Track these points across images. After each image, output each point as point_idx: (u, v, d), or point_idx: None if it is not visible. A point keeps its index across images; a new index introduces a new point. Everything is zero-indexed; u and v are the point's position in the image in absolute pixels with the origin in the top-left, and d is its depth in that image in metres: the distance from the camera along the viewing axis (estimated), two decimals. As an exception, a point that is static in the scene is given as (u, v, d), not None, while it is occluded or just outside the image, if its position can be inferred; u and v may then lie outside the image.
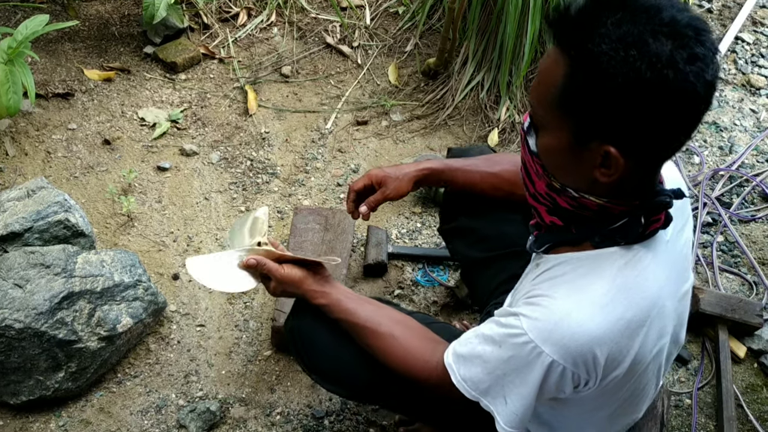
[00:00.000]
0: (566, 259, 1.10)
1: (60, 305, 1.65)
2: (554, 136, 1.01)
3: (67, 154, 2.30)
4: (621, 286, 1.05)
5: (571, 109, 0.97)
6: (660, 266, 1.09)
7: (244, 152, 2.37)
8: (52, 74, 2.52)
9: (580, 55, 0.93)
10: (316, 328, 1.41)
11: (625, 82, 0.91)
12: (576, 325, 1.03)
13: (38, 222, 1.81)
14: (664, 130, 0.95)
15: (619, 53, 0.90)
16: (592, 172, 1.00)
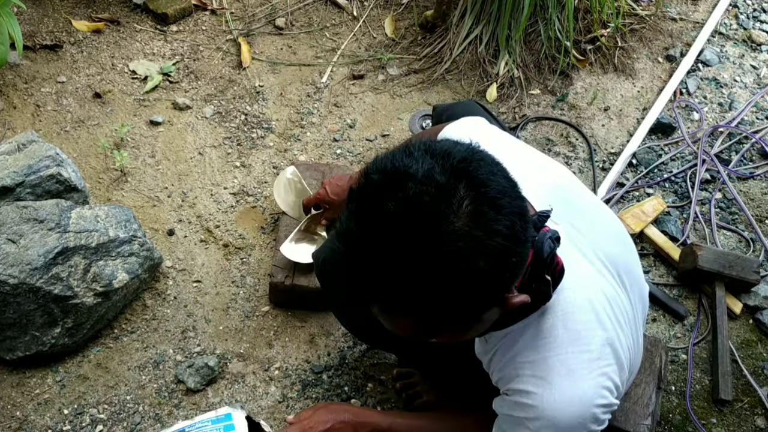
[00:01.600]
0: (510, 335, 1.12)
1: (55, 261, 1.63)
2: (452, 335, 1.01)
3: (57, 108, 2.25)
4: (573, 339, 1.07)
5: (448, 324, 0.96)
6: (576, 275, 1.10)
7: (238, 106, 2.33)
8: (39, 25, 2.44)
9: (414, 304, 0.91)
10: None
11: (463, 284, 0.88)
12: (581, 411, 1.06)
13: (30, 176, 1.77)
14: (514, 267, 0.93)
15: (439, 276, 0.87)
16: (497, 315, 1.00)
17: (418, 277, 0.86)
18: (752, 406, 1.82)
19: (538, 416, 1.07)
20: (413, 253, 0.85)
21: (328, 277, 1.47)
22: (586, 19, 2.60)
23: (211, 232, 2.01)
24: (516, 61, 2.48)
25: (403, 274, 0.86)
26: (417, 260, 0.85)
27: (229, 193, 2.10)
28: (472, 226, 0.85)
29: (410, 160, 0.88)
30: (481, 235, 0.85)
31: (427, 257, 0.85)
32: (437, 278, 0.86)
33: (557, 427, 1.06)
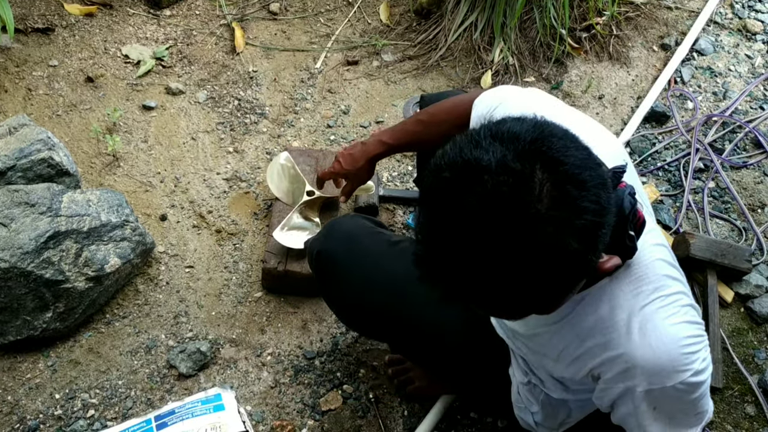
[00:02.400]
0: (589, 300, 1.08)
1: (46, 245, 1.62)
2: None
3: (49, 92, 2.23)
4: (655, 287, 1.04)
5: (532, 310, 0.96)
6: (653, 233, 1.09)
7: (232, 91, 2.31)
8: (31, 8, 2.42)
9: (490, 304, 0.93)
10: (345, 256, 1.42)
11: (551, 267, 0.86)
12: (672, 351, 1.02)
13: (21, 160, 1.76)
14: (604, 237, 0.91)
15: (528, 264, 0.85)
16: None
17: (512, 269, 0.84)
18: (742, 393, 1.83)
19: (631, 367, 1.03)
20: (503, 247, 0.83)
21: (324, 270, 1.46)
22: (582, 7, 2.59)
23: (204, 218, 2.01)
24: (511, 49, 2.47)
25: (496, 270, 0.85)
26: (508, 253, 0.83)
27: (222, 179, 2.09)
28: (558, 208, 0.83)
29: (479, 151, 0.85)
30: (568, 216, 0.83)
31: (518, 248, 0.83)
32: (531, 267, 0.84)
33: (649, 372, 1.02)
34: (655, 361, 1.02)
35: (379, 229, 1.50)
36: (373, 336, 1.64)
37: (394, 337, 1.49)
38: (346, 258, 1.42)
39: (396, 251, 1.42)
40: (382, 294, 1.39)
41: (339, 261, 1.42)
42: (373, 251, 1.41)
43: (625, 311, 1.04)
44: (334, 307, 1.54)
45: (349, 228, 1.46)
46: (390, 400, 1.71)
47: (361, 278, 1.40)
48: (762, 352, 1.90)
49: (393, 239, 1.47)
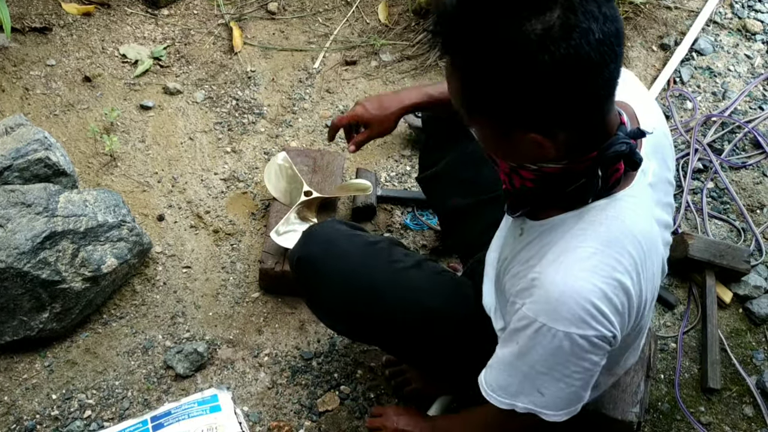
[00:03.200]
0: (549, 227, 1.08)
1: (42, 245, 1.62)
2: (481, 132, 1.02)
3: (46, 91, 2.22)
4: (606, 238, 1.03)
5: (480, 110, 0.97)
6: (643, 209, 1.08)
7: (230, 91, 2.31)
8: (28, 7, 2.42)
9: (463, 63, 0.93)
10: (325, 260, 1.40)
11: (511, 78, 0.89)
12: (575, 293, 1.00)
13: (18, 160, 1.75)
14: (576, 102, 0.92)
15: (493, 54, 0.89)
16: (532, 151, 0.99)
17: (500, 33, 0.88)
18: (740, 394, 1.83)
19: (538, 299, 1.03)
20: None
21: (306, 276, 1.44)
22: None
23: (201, 218, 2.00)
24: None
25: (487, 23, 0.89)
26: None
27: (219, 179, 2.09)
28: (545, 26, 0.86)
29: None
30: (547, 45, 0.86)
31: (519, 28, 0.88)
32: (517, 48, 0.88)
33: (558, 310, 1.01)
34: (557, 297, 1.01)
35: (356, 231, 1.48)
36: (361, 338, 1.62)
37: (381, 335, 1.47)
38: (325, 262, 1.40)
39: (374, 250, 1.42)
40: (362, 293, 1.38)
41: (318, 265, 1.40)
42: (351, 253, 1.40)
43: (566, 242, 1.04)
44: (319, 312, 1.51)
45: (327, 233, 1.44)
46: (387, 401, 1.71)
47: (340, 280, 1.39)
48: (760, 353, 1.90)
49: (371, 239, 1.46)
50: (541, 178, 1.05)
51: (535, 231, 1.11)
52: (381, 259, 1.41)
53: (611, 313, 1.02)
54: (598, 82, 0.92)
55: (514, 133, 0.97)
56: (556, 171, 1.02)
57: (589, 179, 1.02)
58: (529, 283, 1.06)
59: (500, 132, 0.98)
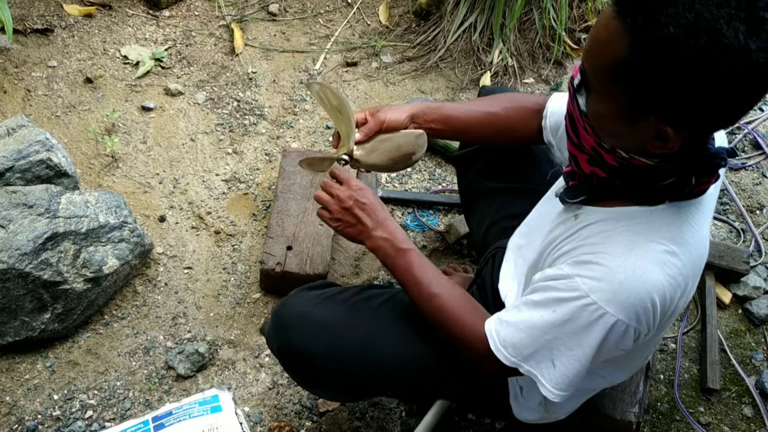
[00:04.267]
0: (615, 215, 1.07)
1: (44, 246, 1.62)
2: (606, 105, 0.96)
3: (48, 93, 2.23)
4: (682, 241, 1.03)
5: (628, 84, 0.91)
6: (706, 221, 1.09)
7: (231, 93, 2.31)
8: (30, 9, 2.42)
9: (643, 37, 0.86)
10: (306, 342, 1.31)
11: (692, 69, 0.85)
12: (641, 283, 1.00)
13: (19, 161, 1.76)
14: (729, 109, 0.90)
15: (688, 41, 0.83)
16: (644, 142, 0.96)
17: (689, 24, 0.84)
18: (740, 395, 1.83)
19: (601, 277, 1.01)
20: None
21: (293, 364, 1.34)
22: (581, 8, 2.59)
23: (203, 219, 2.01)
24: (510, 50, 2.47)
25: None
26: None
27: (221, 180, 2.10)
28: (751, 31, 0.83)
29: None
30: (749, 51, 0.83)
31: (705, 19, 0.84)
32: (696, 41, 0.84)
33: (617, 294, 1.00)
34: (621, 280, 1.00)
35: (325, 291, 1.37)
36: (365, 397, 1.59)
37: (383, 391, 1.45)
38: (305, 343, 1.30)
39: (353, 310, 1.34)
40: (352, 356, 1.30)
41: (302, 351, 1.30)
42: (328, 321, 1.31)
43: (639, 234, 1.03)
44: (318, 391, 1.44)
45: (296, 310, 1.33)
46: (388, 402, 1.72)
47: (326, 356, 1.30)
48: (759, 354, 1.90)
49: (343, 297, 1.36)
50: (621, 170, 1.03)
51: (596, 216, 1.09)
52: (361, 318, 1.33)
53: (660, 313, 1.03)
54: (759, 94, 0.89)
55: (645, 120, 0.93)
56: (643, 166, 1.01)
57: (679, 181, 1.02)
58: (589, 258, 1.04)
59: (628, 112, 0.94)
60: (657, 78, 0.87)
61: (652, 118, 0.92)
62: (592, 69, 0.95)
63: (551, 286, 1.07)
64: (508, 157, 1.57)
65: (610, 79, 0.92)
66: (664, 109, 0.91)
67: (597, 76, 0.95)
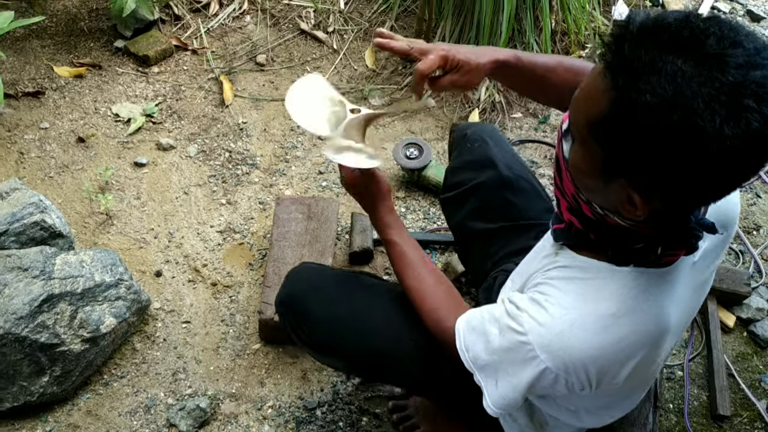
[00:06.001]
0: (584, 265, 1.06)
1: (40, 308, 1.61)
2: (584, 158, 0.95)
3: (41, 154, 2.24)
4: (630, 309, 1.01)
5: (604, 142, 0.89)
6: (677, 292, 1.06)
7: (222, 144, 2.33)
8: (21, 73, 2.45)
9: (622, 99, 0.84)
10: (310, 296, 1.42)
11: (663, 143, 0.82)
12: (575, 340, 1.01)
13: (14, 224, 1.76)
14: (702, 188, 0.87)
15: (662, 113, 0.81)
16: (617, 203, 0.94)
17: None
18: (752, 420, 1.80)
19: (542, 323, 1.03)
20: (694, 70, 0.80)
21: (299, 315, 1.42)
22: (564, 42, 2.63)
23: (199, 272, 2.00)
24: (497, 86, 2.50)
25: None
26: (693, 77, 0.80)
27: (215, 231, 2.09)
28: (729, 116, 0.79)
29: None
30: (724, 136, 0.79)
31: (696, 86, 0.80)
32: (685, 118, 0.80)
33: (551, 343, 1.02)
34: (558, 332, 1.01)
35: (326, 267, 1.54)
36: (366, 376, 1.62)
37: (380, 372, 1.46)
38: (307, 296, 1.43)
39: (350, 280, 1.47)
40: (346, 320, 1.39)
41: (301, 300, 1.42)
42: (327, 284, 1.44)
43: (594, 289, 1.03)
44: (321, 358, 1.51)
45: (304, 270, 1.50)
46: (394, 448, 1.69)
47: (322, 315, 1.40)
48: (768, 377, 1.88)
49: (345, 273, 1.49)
50: (596, 224, 1.03)
51: (569, 260, 1.09)
52: (357, 286, 1.44)
53: (595, 374, 1.03)
54: (737, 177, 0.86)
55: (617, 181, 0.91)
56: (616, 225, 1.00)
57: (646, 248, 1.00)
58: (542, 299, 1.05)
59: (602, 170, 0.92)
60: (629, 142, 0.85)
61: (623, 180, 0.91)
62: (575, 119, 0.94)
63: (508, 311, 1.09)
64: (496, 197, 1.57)
65: (589, 133, 0.91)
66: (634, 175, 0.89)
67: (578, 127, 0.94)
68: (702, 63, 0.80)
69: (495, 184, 1.58)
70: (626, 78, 0.83)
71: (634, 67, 0.83)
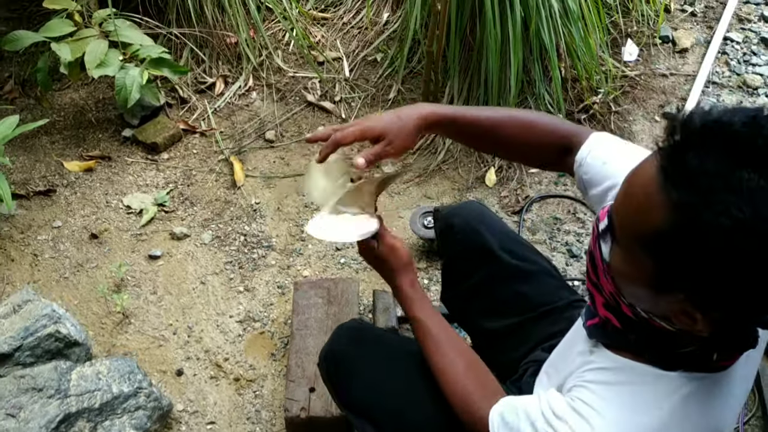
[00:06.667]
0: (623, 367, 0.97)
1: (58, 430, 1.56)
2: (631, 267, 0.86)
3: (55, 255, 2.22)
4: (680, 420, 0.93)
5: (660, 258, 0.81)
6: (733, 393, 0.97)
7: (237, 227, 2.29)
8: (32, 171, 2.45)
9: (688, 218, 0.76)
10: (355, 356, 1.36)
11: (735, 266, 0.75)
12: None
13: (27, 339, 1.71)
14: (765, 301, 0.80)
15: (738, 236, 0.73)
16: (668, 312, 0.86)
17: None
18: (820, 485, 1.67)
19: (588, 421, 0.94)
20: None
21: (341, 374, 1.36)
22: (576, 89, 2.57)
23: (221, 367, 1.93)
24: (511, 142, 2.43)
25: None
26: None
27: (235, 321, 2.03)
28: None
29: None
30: None
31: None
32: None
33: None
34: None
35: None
36: None
37: None
38: (354, 352, 1.37)
39: (403, 341, 1.40)
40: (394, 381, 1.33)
41: (347, 356, 1.37)
42: (381, 342, 1.41)
43: (638, 397, 0.94)
44: (351, 407, 1.40)
45: (353, 326, 1.45)
46: None
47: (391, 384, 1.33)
48: (832, 435, 1.75)
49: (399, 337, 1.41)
50: (638, 325, 0.94)
51: (606, 362, 1.00)
52: (404, 351, 1.36)
53: None
54: None
55: (672, 294, 0.83)
56: (661, 328, 0.91)
57: (699, 352, 0.91)
58: (584, 410, 0.95)
59: (655, 283, 0.84)
60: (694, 263, 0.78)
61: (681, 295, 0.82)
62: (622, 226, 0.86)
63: (545, 415, 0.99)
64: (505, 290, 1.47)
65: (640, 245, 0.83)
66: (694, 293, 0.81)
67: (625, 235, 0.85)
68: None
69: (500, 276, 1.47)
70: (692, 194, 0.75)
71: (702, 183, 0.74)
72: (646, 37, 2.80)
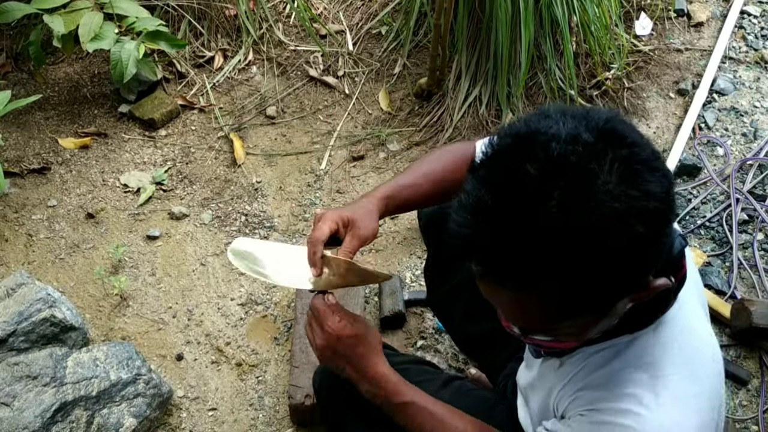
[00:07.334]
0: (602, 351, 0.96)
1: (53, 419, 1.50)
2: (575, 323, 0.87)
3: (50, 235, 2.14)
4: (689, 362, 0.91)
5: (571, 313, 0.84)
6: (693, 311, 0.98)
7: (237, 207, 2.21)
8: (26, 149, 2.37)
9: (532, 284, 0.79)
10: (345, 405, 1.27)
11: (606, 260, 0.77)
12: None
13: (22, 324, 1.65)
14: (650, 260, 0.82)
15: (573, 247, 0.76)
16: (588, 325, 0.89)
17: (567, 243, 0.75)
18: (841, 475, 1.63)
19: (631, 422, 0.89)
20: (562, 217, 0.75)
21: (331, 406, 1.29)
22: (588, 64, 2.48)
23: (222, 351, 1.88)
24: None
25: (549, 242, 0.76)
26: (566, 225, 0.75)
27: (236, 305, 1.97)
28: (627, 186, 0.76)
29: (549, 122, 0.80)
30: (638, 196, 0.76)
31: (579, 221, 0.75)
32: (589, 244, 0.75)
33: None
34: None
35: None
36: None
37: None
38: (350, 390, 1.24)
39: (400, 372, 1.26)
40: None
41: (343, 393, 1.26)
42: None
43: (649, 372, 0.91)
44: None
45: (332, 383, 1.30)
46: None
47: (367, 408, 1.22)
48: None
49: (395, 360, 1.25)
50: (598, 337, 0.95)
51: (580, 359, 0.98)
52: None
53: None
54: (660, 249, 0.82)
55: (617, 306, 0.86)
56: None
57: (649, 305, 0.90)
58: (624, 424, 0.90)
59: (606, 307, 0.86)
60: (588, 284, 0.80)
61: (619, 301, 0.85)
62: (531, 327, 0.91)
63: None
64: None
65: (555, 320, 0.86)
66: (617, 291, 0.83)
67: (541, 326, 0.89)
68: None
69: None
70: (518, 278, 0.80)
71: (522, 265, 0.78)
72: (660, 10, 2.70)
